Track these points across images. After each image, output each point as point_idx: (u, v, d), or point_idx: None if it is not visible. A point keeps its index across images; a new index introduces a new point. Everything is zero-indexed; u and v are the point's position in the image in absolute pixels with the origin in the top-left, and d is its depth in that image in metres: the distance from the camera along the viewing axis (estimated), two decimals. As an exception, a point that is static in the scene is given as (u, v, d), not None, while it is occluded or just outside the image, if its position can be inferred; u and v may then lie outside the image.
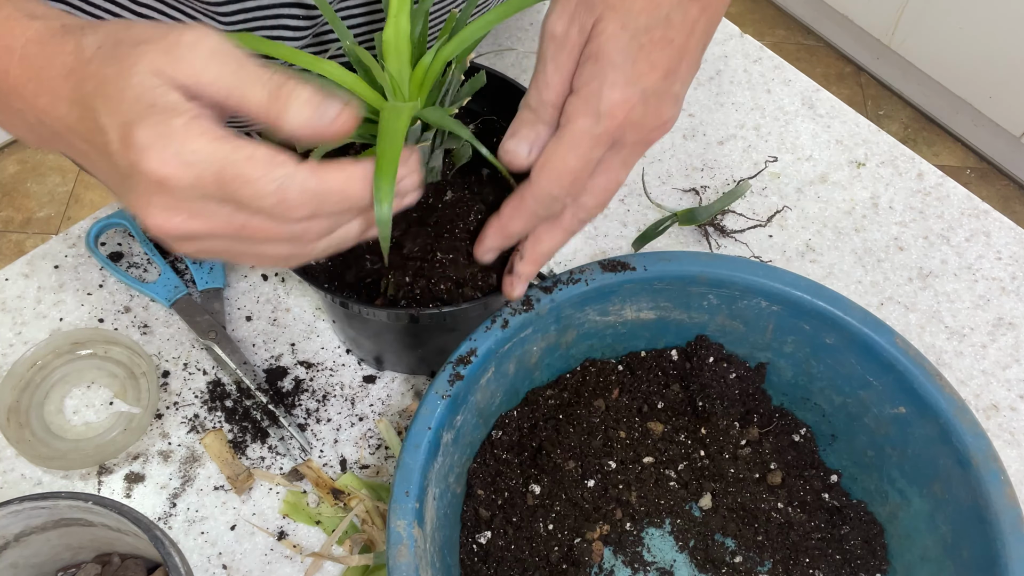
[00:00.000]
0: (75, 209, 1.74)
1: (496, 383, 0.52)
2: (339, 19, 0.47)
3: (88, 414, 0.59)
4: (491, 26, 0.45)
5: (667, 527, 0.55)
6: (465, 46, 0.45)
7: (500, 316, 0.50)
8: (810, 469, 0.57)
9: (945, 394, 0.49)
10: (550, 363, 0.56)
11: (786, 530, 0.54)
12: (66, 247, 0.66)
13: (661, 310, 0.55)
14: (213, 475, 0.58)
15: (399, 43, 0.46)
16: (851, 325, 0.52)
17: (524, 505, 0.53)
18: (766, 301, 0.53)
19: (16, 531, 0.46)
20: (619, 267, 0.52)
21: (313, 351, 0.62)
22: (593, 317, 0.54)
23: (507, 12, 0.44)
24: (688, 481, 0.56)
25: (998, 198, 1.84)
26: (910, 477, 0.52)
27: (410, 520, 0.44)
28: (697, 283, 0.53)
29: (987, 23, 1.67)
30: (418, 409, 0.47)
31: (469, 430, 0.51)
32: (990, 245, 0.70)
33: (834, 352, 0.53)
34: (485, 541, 0.52)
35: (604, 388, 0.57)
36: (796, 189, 0.72)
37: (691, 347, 0.57)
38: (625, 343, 0.58)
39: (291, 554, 0.55)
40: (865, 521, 0.54)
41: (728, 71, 0.79)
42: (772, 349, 0.56)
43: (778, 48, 2.04)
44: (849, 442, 0.56)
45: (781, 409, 0.58)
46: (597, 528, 0.53)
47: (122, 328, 0.63)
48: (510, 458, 0.54)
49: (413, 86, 0.46)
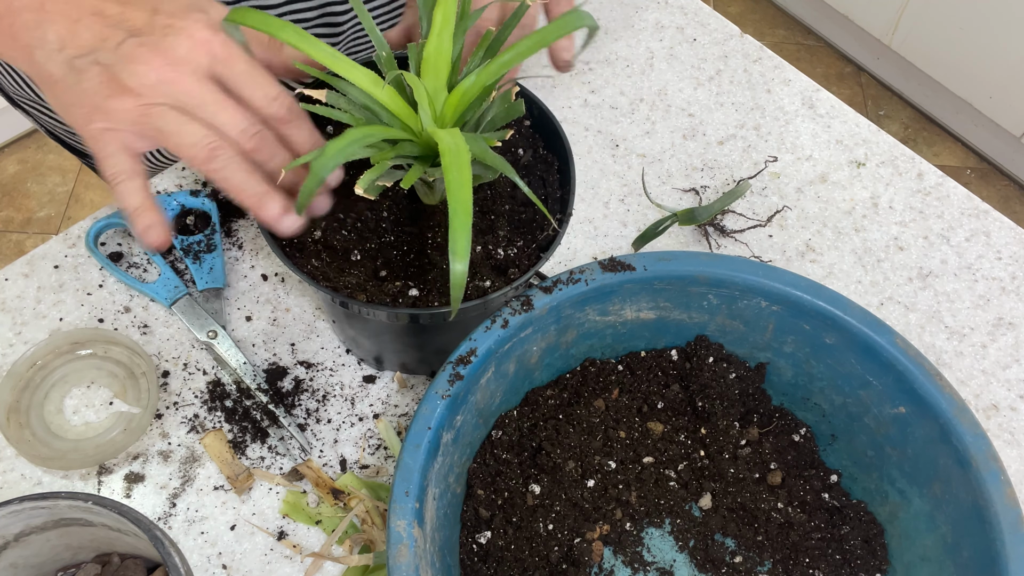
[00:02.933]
0: (75, 209, 1.74)
1: (496, 383, 0.52)
2: (376, 29, 0.47)
3: (88, 414, 0.59)
4: (535, 50, 0.44)
5: (667, 527, 0.55)
6: (506, 70, 0.44)
7: (500, 316, 0.50)
8: (810, 469, 0.57)
9: (945, 394, 0.49)
10: (550, 363, 0.56)
11: (786, 530, 0.54)
12: (66, 247, 0.66)
13: (661, 310, 0.55)
14: (213, 475, 0.58)
15: (439, 62, 0.45)
16: (851, 325, 0.52)
17: (524, 505, 0.53)
18: (766, 301, 0.53)
19: (16, 531, 0.46)
20: (619, 267, 0.52)
21: (313, 351, 0.62)
22: (593, 317, 0.54)
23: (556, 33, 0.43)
24: (688, 481, 0.56)
25: (998, 198, 1.84)
26: (910, 477, 0.52)
27: (410, 520, 0.44)
28: (697, 283, 0.53)
29: (987, 23, 1.67)
30: (418, 409, 0.47)
31: (469, 430, 0.51)
32: (990, 245, 0.70)
33: (834, 352, 0.53)
34: (485, 541, 0.52)
35: (604, 388, 0.57)
36: (796, 189, 0.72)
37: (691, 347, 0.57)
38: (625, 343, 0.58)
39: (291, 554, 0.55)
40: (865, 521, 0.54)
41: (728, 71, 0.79)
42: (772, 349, 0.56)
43: (778, 48, 2.04)
44: (849, 442, 0.56)
45: (781, 409, 0.58)
46: (597, 528, 0.53)
47: (122, 328, 0.63)
48: (510, 458, 0.54)
49: (449, 108, 0.45)
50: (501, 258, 0.52)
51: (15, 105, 0.77)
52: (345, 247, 0.52)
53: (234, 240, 0.67)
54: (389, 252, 0.52)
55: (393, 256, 0.52)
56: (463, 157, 0.39)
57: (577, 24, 0.43)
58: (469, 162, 0.39)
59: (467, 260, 0.37)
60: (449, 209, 0.38)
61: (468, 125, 0.46)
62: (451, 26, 0.44)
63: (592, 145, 0.74)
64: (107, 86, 0.43)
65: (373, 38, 0.47)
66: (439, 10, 0.44)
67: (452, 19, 0.44)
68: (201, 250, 0.64)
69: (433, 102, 0.45)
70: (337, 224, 0.52)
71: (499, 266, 0.51)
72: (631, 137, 0.74)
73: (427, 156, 0.46)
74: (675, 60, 0.79)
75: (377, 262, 0.52)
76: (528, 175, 0.55)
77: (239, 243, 0.66)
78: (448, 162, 0.39)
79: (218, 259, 0.64)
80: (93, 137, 0.45)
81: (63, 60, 0.44)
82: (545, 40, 0.43)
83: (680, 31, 0.81)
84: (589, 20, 0.43)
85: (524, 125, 0.57)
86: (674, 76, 0.78)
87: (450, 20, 0.44)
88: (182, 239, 0.64)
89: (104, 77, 0.43)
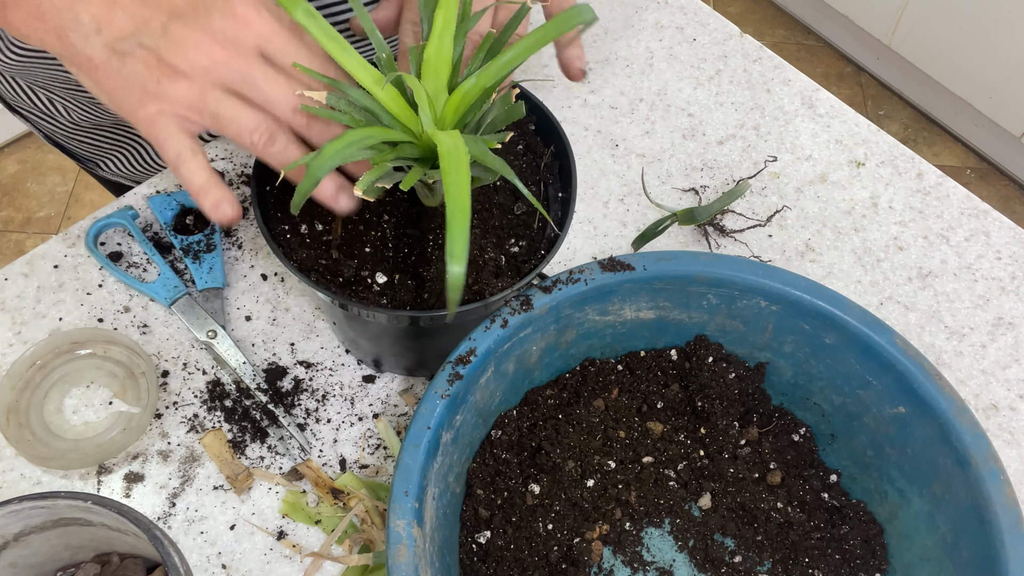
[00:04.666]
0: (75, 209, 1.74)
1: (495, 383, 0.52)
2: (376, 31, 0.47)
3: (88, 414, 0.59)
4: (535, 50, 0.43)
5: (667, 527, 0.55)
6: (507, 71, 0.44)
7: (500, 316, 0.50)
8: (809, 469, 0.57)
9: (945, 394, 0.49)
10: (549, 363, 0.56)
11: (785, 530, 0.54)
12: (66, 247, 0.66)
13: (660, 310, 0.55)
14: (212, 475, 0.58)
15: (440, 64, 0.45)
16: (851, 325, 0.52)
17: (524, 505, 0.53)
18: (765, 301, 0.53)
19: (15, 531, 0.46)
20: (619, 267, 0.52)
21: (313, 351, 0.62)
22: (593, 317, 0.54)
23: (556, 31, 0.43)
24: (687, 481, 0.56)
25: (998, 198, 1.84)
26: (910, 477, 0.52)
27: (409, 520, 0.44)
28: (696, 283, 0.53)
29: (987, 23, 1.67)
30: (417, 408, 0.47)
31: (468, 430, 0.51)
32: (990, 245, 0.70)
33: (834, 352, 0.53)
34: (484, 541, 0.52)
35: (603, 388, 0.57)
36: (796, 189, 0.72)
37: (690, 347, 0.57)
38: (624, 343, 0.58)
39: (290, 554, 0.55)
40: (864, 521, 0.54)
41: (728, 71, 0.79)
42: (772, 349, 0.56)
43: (778, 48, 2.04)
44: (848, 442, 0.56)
45: (781, 409, 0.58)
46: (596, 528, 0.53)
47: (122, 328, 0.63)
48: (509, 458, 0.54)
49: (449, 111, 0.45)
50: (502, 261, 0.52)
51: (13, 111, 0.77)
52: (346, 249, 0.52)
53: (234, 240, 0.67)
54: (389, 254, 0.52)
55: (394, 258, 0.52)
56: (462, 159, 0.39)
57: (577, 20, 0.43)
58: (468, 164, 0.39)
59: (465, 262, 0.37)
60: (447, 211, 0.38)
61: (468, 127, 0.46)
62: (452, 28, 0.44)
63: (592, 145, 0.74)
64: (156, 69, 0.43)
65: (373, 40, 0.46)
66: (440, 12, 0.44)
67: (453, 21, 0.44)
68: (201, 250, 0.64)
69: (433, 104, 0.45)
70: (338, 226, 0.52)
71: (499, 268, 0.51)
72: (631, 137, 0.74)
73: (427, 158, 0.46)
74: (675, 60, 0.79)
75: (378, 264, 0.52)
76: (529, 177, 0.55)
77: (239, 243, 0.67)
78: (447, 164, 0.39)
79: (218, 259, 0.64)
80: (148, 121, 0.44)
81: (103, 44, 0.43)
82: (545, 38, 0.43)
83: (680, 31, 0.81)
84: (589, 14, 0.42)
85: (527, 127, 0.57)
86: (674, 76, 0.78)
87: (451, 22, 0.44)
88: (182, 239, 0.64)
89: (152, 60, 0.43)
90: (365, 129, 0.43)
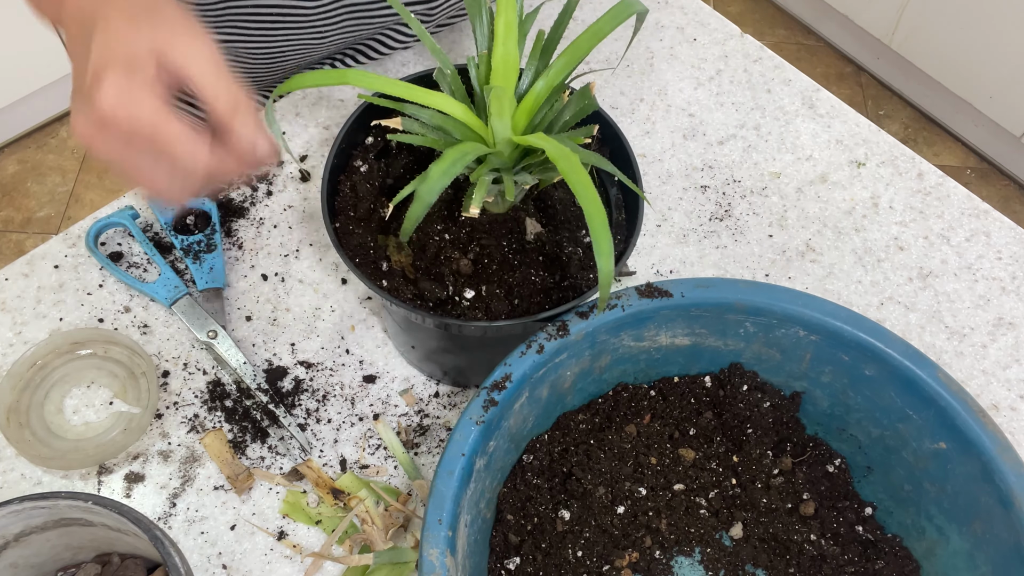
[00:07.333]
0: (75, 209, 1.74)
1: (529, 407, 0.51)
2: (439, 48, 0.47)
3: (88, 414, 0.59)
4: (595, 44, 0.44)
5: (697, 556, 0.54)
6: (570, 69, 0.44)
7: (536, 341, 0.49)
8: (844, 501, 0.55)
9: (988, 431, 0.48)
10: (583, 387, 0.55)
11: (818, 563, 0.53)
12: (66, 247, 0.66)
13: (696, 336, 0.54)
14: (213, 475, 0.58)
15: (507, 68, 0.45)
16: (892, 358, 0.50)
17: (553, 531, 0.52)
18: (804, 330, 0.52)
19: (16, 531, 0.46)
20: (656, 293, 0.51)
21: (313, 351, 0.62)
22: (628, 342, 0.53)
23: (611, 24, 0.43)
24: (719, 509, 0.55)
25: (998, 198, 1.84)
26: (949, 514, 0.50)
27: (443, 549, 0.43)
28: (734, 310, 0.52)
29: (987, 23, 1.66)
30: (451, 435, 0.46)
31: (501, 455, 0.50)
32: (990, 245, 0.70)
33: (873, 384, 0.52)
34: (514, 567, 0.51)
35: (636, 413, 0.56)
36: (796, 189, 0.72)
37: (725, 374, 0.56)
38: (658, 368, 0.56)
39: (291, 554, 0.55)
40: (900, 556, 0.53)
41: (728, 71, 0.79)
42: (808, 378, 0.55)
43: (778, 48, 2.04)
44: (885, 475, 0.54)
45: (815, 439, 0.57)
46: (626, 555, 0.52)
47: (122, 328, 0.63)
48: (540, 483, 0.53)
49: (520, 115, 0.45)
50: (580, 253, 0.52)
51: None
52: (423, 270, 0.51)
53: (234, 240, 0.67)
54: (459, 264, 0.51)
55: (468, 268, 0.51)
56: (574, 160, 0.39)
57: (629, 12, 0.44)
58: (580, 164, 0.39)
59: (612, 258, 0.39)
60: (584, 212, 0.39)
61: (538, 129, 0.46)
62: (515, 32, 0.44)
63: (592, 145, 0.74)
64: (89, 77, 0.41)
65: (437, 57, 0.47)
66: (500, 18, 0.44)
67: (515, 25, 0.44)
68: (201, 250, 0.64)
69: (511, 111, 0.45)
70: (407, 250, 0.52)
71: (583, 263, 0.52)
72: (631, 137, 0.74)
73: (508, 166, 0.46)
74: (675, 60, 0.79)
75: (459, 280, 0.51)
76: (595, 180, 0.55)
77: (239, 243, 0.67)
78: (564, 167, 0.39)
79: (218, 259, 0.64)
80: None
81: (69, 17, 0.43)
82: (601, 33, 0.44)
83: (680, 31, 0.81)
84: (639, 6, 0.43)
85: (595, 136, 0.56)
86: (674, 76, 0.78)
87: (513, 27, 0.44)
88: (182, 239, 0.64)
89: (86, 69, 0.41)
90: (461, 146, 0.43)
